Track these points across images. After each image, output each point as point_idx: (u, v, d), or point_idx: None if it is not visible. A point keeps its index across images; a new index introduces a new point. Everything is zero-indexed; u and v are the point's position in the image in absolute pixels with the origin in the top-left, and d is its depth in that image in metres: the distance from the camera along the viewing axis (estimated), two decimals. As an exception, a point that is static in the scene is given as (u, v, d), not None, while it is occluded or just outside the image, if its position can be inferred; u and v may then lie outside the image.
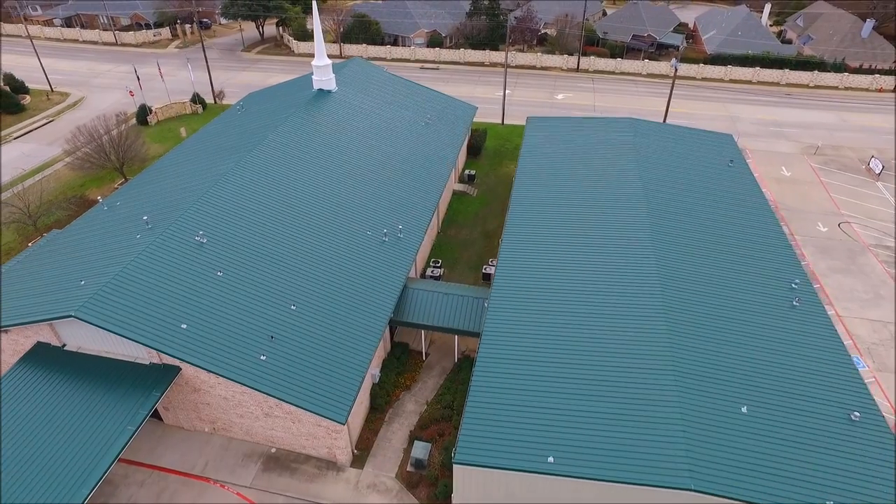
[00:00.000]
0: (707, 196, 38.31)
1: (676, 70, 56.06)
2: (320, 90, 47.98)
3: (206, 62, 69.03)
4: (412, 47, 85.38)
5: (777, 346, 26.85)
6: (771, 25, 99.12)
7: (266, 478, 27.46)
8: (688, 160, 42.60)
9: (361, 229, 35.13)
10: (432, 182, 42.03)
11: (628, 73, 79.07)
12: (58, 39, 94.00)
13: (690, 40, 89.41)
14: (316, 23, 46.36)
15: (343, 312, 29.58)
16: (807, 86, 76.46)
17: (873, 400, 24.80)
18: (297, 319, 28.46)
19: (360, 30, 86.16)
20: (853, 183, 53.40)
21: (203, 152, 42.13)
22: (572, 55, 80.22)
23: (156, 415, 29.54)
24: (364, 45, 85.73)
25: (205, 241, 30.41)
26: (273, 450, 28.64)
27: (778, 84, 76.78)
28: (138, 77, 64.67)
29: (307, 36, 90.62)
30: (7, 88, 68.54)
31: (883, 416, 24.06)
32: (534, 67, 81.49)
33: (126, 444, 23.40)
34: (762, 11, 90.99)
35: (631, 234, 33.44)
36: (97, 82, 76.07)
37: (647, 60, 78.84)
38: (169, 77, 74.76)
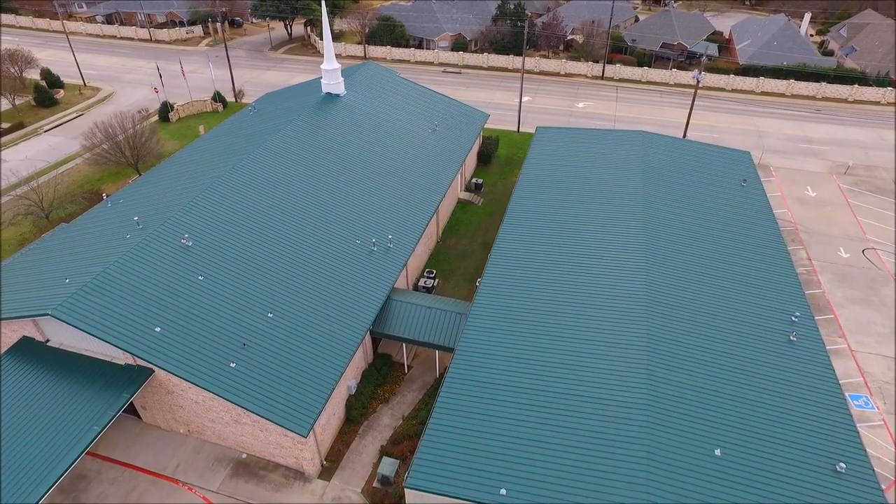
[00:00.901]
0: (712, 218, 36.65)
1: (699, 82, 53.96)
2: (328, 94, 48.11)
3: (229, 60, 70.36)
4: (436, 50, 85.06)
5: (764, 384, 25.34)
6: (812, 36, 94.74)
7: (233, 484, 27.57)
8: (697, 178, 40.88)
9: (351, 238, 34.96)
10: (431, 192, 41.53)
11: (655, 83, 76.78)
12: (98, 35, 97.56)
13: (719, 51, 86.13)
14: (325, 27, 46.44)
15: (320, 322, 29.42)
16: (845, 100, 72.66)
17: (863, 450, 23.09)
18: (273, 328, 28.45)
19: (385, 32, 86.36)
20: (884, 206, 50.37)
21: (208, 153, 42.77)
22: (598, 62, 78.44)
23: (136, 413, 30.07)
24: (388, 47, 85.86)
25: (190, 244, 30.73)
26: (244, 455, 28.74)
27: (813, 98, 73.23)
28: (160, 74, 66.38)
29: (333, 37, 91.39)
30: (44, 83, 71.39)
31: (872, 469, 22.37)
32: (557, 74, 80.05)
33: (90, 444, 23.77)
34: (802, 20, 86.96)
35: (624, 255, 32.22)
36: (128, 78, 78.51)
37: (675, 70, 76.38)
38: (197, 74, 76.55)
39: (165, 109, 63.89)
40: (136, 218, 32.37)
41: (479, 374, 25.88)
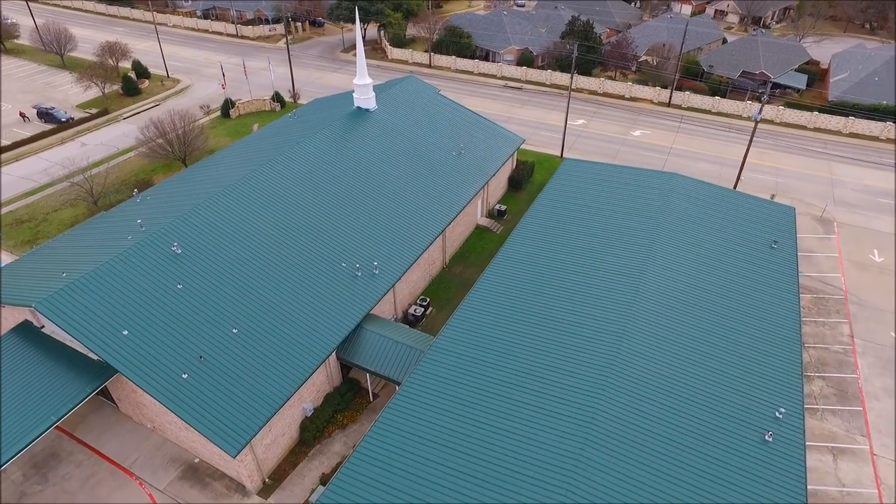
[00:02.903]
0: (721, 283, 33.32)
1: (757, 122, 49.15)
2: (359, 108, 48.85)
3: (290, 61, 73.44)
4: (500, 64, 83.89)
5: (716, 489, 22.68)
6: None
7: (179, 486, 28.95)
8: (721, 235, 37.35)
9: (337, 260, 35.34)
10: (436, 219, 40.95)
11: (726, 115, 71.01)
12: (193, 29, 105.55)
13: (810, 83, 78.02)
14: (359, 44, 46.98)
15: (281, 343, 30.03)
16: (957, 151, 63.33)
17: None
18: (235, 343, 29.41)
19: (451, 42, 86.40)
20: (966, 285, 43.48)
21: (236, 158, 44.85)
22: (666, 88, 73.81)
23: (114, 401, 32.39)
24: (454, 57, 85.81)
25: (179, 252, 32.46)
26: (196, 460, 30.09)
27: (914, 145, 64.50)
28: (223, 73, 70.57)
29: (402, 43, 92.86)
30: (132, 74, 78.43)
31: None
32: (621, 97, 76.22)
33: (42, 434, 25.80)
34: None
35: (605, 321, 29.88)
36: (206, 72, 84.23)
37: (750, 102, 70.22)
38: (268, 72, 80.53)
39: (227, 106, 67.96)
40: (138, 220, 34.65)
41: (409, 424, 25.29)
